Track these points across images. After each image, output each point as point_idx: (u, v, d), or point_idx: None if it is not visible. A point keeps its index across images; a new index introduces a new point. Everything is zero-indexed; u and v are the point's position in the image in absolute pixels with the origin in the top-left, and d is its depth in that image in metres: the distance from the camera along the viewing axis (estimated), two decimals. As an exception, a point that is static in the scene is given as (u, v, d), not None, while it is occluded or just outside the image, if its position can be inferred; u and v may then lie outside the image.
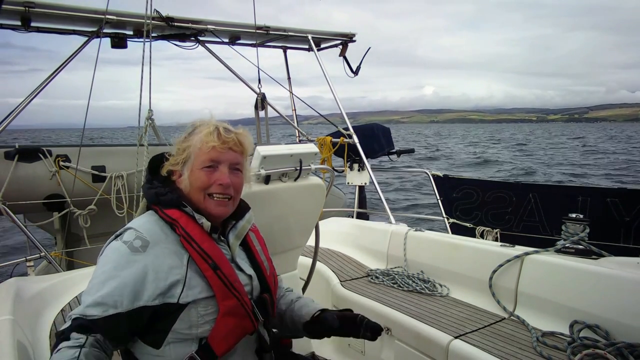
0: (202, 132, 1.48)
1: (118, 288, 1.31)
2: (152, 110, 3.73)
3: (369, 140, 5.32)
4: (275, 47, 5.75)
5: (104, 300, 1.30)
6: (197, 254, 1.41)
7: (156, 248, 1.38)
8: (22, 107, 3.82)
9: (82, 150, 4.33)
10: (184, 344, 1.39)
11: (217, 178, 1.47)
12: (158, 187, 1.50)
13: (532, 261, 2.45)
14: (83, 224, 4.41)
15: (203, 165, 1.46)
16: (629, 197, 4.34)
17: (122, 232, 1.42)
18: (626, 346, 1.89)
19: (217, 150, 1.46)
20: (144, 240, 1.38)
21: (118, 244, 1.38)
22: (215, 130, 1.48)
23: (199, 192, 1.47)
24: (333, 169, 4.24)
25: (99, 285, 1.32)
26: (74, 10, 3.86)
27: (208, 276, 1.40)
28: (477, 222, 5.05)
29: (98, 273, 1.35)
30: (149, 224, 1.44)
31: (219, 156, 1.47)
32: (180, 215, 1.44)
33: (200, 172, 1.46)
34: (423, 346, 2.29)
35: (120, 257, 1.35)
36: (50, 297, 2.28)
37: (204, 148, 1.46)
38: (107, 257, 1.37)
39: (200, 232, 1.44)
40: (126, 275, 1.32)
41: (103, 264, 1.37)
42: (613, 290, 2.11)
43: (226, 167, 1.49)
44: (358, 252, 3.47)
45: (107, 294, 1.30)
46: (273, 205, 2.13)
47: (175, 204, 1.45)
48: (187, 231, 1.42)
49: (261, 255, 1.66)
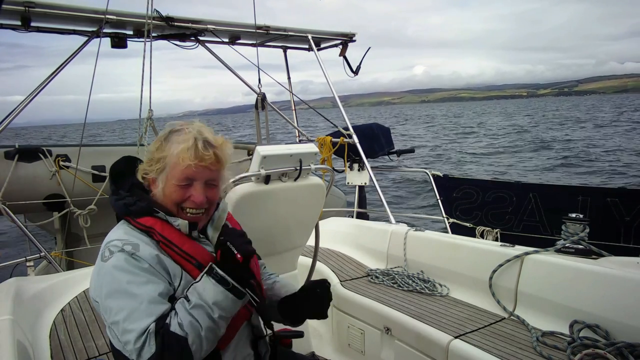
0: (180, 146, 1.41)
1: (154, 281, 1.32)
2: (152, 110, 3.73)
3: (369, 140, 5.31)
4: (275, 47, 5.75)
5: (159, 299, 1.30)
6: (180, 256, 1.40)
7: (146, 249, 1.37)
8: (22, 107, 3.81)
9: (82, 150, 4.33)
10: None
11: (192, 195, 1.43)
12: (126, 196, 1.46)
13: (532, 261, 2.45)
14: (83, 223, 4.41)
15: (178, 182, 1.42)
16: (629, 197, 4.34)
17: (105, 249, 1.38)
18: (626, 346, 1.89)
19: (192, 169, 1.40)
20: (132, 244, 1.36)
21: (113, 260, 1.33)
22: (193, 145, 1.40)
23: (173, 205, 1.45)
24: (333, 169, 4.24)
25: (134, 296, 1.28)
26: (74, 10, 3.86)
27: (195, 276, 1.39)
28: (477, 222, 5.05)
29: (121, 292, 1.30)
30: (127, 234, 1.41)
31: (195, 175, 1.42)
32: (154, 221, 1.41)
33: (174, 186, 1.43)
34: (423, 346, 2.29)
35: (127, 262, 1.32)
36: (50, 297, 2.28)
37: (180, 164, 1.40)
38: (115, 274, 1.32)
39: (178, 235, 1.42)
40: (147, 269, 1.33)
41: (118, 281, 1.31)
42: (613, 290, 2.11)
43: (201, 184, 1.44)
44: (358, 252, 3.47)
45: (155, 292, 1.30)
46: (273, 205, 2.13)
47: (146, 211, 1.42)
48: (164, 236, 1.40)
49: None
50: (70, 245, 4.66)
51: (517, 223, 4.96)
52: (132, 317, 1.26)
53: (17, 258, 3.64)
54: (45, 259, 3.78)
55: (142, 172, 1.48)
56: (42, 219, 4.58)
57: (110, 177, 1.55)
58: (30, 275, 3.42)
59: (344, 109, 5.09)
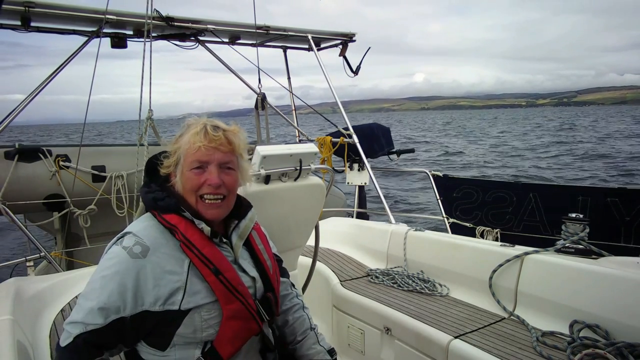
0: (190, 132, 1.44)
1: (120, 293, 1.30)
2: (152, 110, 3.73)
3: (369, 140, 5.31)
4: (275, 47, 5.75)
5: (106, 306, 1.29)
6: (198, 259, 1.38)
7: (156, 254, 1.36)
8: (23, 106, 3.81)
9: (82, 150, 4.33)
10: (189, 346, 1.39)
11: (207, 178, 1.43)
12: (156, 190, 1.46)
13: (532, 261, 2.45)
14: (83, 223, 4.41)
15: (191, 166, 1.43)
16: (629, 197, 4.34)
17: (122, 237, 1.40)
18: (626, 346, 1.89)
19: (203, 150, 1.42)
20: (143, 246, 1.36)
21: (118, 249, 1.36)
22: (202, 129, 1.43)
23: (191, 194, 1.44)
24: (333, 169, 4.24)
25: (100, 290, 1.31)
26: (74, 10, 3.86)
27: (210, 281, 1.38)
28: (477, 222, 5.05)
29: (97, 277, 1.34)
30: (149, 229, 1.41)
31: (206, 156, 1.43)
32: (179, 220, 1.41)
33: (189, 173, 1.43)
34: (423, 346, 2.29)
35: (121, 262, 1.33)
36: (50, 297, 2.27)
37: (191, 149, 1.42)
38: (107, 262, 1.36)
39: (200, 237, 1.41)
40: (127, 280, 1.31)
41: (103, 268, 1.35)
42: (613, 290, 2.11)
43: (215, 166, 1.44)
44: (358, 252, 3.47)
45: (109, 299, 1.29)
46: (273, 205, 2.13)
47: (173, 209, 1.42)
48: (186, 237, 1.39)
49: (264, 254, 1.63)
50: (70, 245, 4.66)
51: (517, 223, 4.95)
52: (86, 296, 1.34)
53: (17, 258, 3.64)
54: (45, 259, 3.78)
55: (165, 169, 1.49)
56: (42, 219, 4.58)
57: (145, 169, 1.56)
58: (30, 275, 3.42)
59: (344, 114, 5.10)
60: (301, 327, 1.75)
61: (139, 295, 1.32)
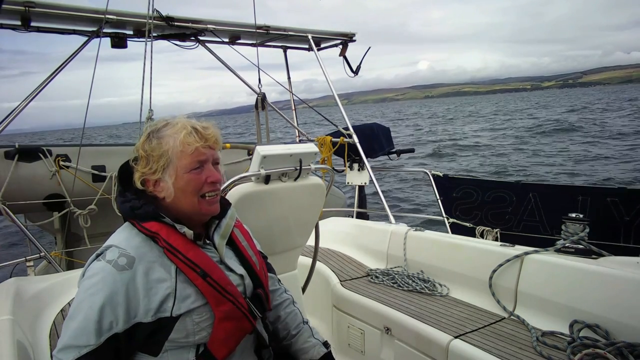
0: (180, 134, 1.41)
1: (112, 308, 1.26)
2: (152, 110, 3.73)
3: (369, 139, 5.31)
4: (275, 47, 5.76)
5: (98, 324, 1.25)
6: (184, 264, 1.37)
7: (142, 263, 1.33)
8: (20, 109, 3.81)
9: (82, 150, 4.33)
10: (181, 350, 1.38)
11: (207, 176, 1.43)
12: (132, 199, 1.43)
13: (532, 261, 2.45)
14: (83, 223, 4.41)
15: (190, 167, 1.41)
16: (629, 196, 4.34)
17: (104, 251, 1.36)
18: (626, 346, 1.89)
19: (201, 150, 1.41)
20: (128, 257, 1.32)
21: (101, 264, 1.31)
22: (192, 129, 1.42)
23: (193, 195, 1.42)
24: (333, 169, 4.24)
25: (88, 310, 1.26)
26: (74, 10, 3.86)
27: (198, 284, 1.37)
28: (477, 222, 5.04)
29: (83, 296, 1.29)
30: (130, 239, 1.38)
31: (204, 155, 1.43)
32: (160, 227, 1.38)
33: (189, 175, 1.41)
34: (423, 346, 2.29)
35: (106, 277, 1.28)
36: (50, 297, 2.27)
37: (186, 150, 1.40)
38: (91, 279, 1.30)
39: (183, 242, 1.39)
40: (117, 295, 1.27)
41: (88, 287, 1.30)
42: (613, 290, 2.10)
43: (210, 164, 1.45)
44: (358, 252, 3.46)
45: (100, 317, 1.25)
46: (273, 205, 2.13)
47: (152, 216, 1.40)
48: (169, 242, 1.37)
49: (248, 251, 1.61)
50: (70, 245, 4.66)
51: (517, 223, 4.95)
52: (74, 317, 1.28)
53: (17, 258, 3.64)
54: (45, 259, 3.77)
55: (141, 176, 1.43)
56: (42, 219, 4.58)
57: (118, 177, 1.52)
58: (30, 275, 3.42)
59: (347, 107, 5.10)
60: (294, 321, 1.76)
61: (131, 308, 1.29)
